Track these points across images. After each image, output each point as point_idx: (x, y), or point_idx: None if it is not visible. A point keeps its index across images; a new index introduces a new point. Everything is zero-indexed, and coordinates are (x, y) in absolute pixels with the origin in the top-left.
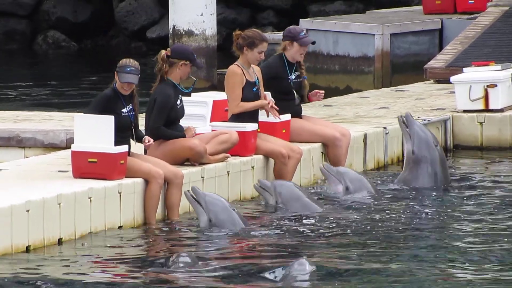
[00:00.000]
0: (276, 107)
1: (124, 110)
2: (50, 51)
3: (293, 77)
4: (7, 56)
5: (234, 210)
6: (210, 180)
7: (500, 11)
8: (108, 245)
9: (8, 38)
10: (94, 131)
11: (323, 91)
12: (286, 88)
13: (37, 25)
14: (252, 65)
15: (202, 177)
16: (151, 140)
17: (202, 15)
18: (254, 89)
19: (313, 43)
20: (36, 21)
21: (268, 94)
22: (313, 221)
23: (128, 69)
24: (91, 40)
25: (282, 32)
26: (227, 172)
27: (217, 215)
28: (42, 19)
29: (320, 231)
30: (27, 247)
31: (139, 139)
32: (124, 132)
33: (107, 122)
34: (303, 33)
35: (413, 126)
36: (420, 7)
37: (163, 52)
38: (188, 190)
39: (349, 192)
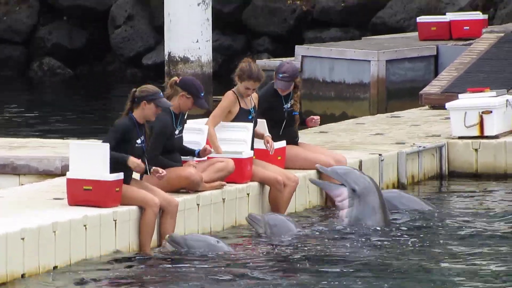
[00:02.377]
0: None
1: (138, 141)
2: (45, 78)
3: (288, 106)
4: (2, 83)
5: (218, 242)
6: (205, 207)
7: (495, 37)
8: (103, 272)
9: (3, 65)
10: (89, 159)
11: (318, 117)
12: (280, 117)
13: (33, 52)
14: None
15: (197, 204)
16: (164, 171)
17: (197, 41)
18: (250, 117)
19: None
20: (31, 47)
21: (263, 122)
22: (306, 250)
23: (162, 94)
24: (86, 67)
25: (277, 59)
26: (223, 199)
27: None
28: (38, 45)
29: (315, 259)
30: (22, 275)
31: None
32: None
33: (102, 150)
34: (282, 75)
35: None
36: (415, 34)
37: (174, 78)
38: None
39: (356, 195)
